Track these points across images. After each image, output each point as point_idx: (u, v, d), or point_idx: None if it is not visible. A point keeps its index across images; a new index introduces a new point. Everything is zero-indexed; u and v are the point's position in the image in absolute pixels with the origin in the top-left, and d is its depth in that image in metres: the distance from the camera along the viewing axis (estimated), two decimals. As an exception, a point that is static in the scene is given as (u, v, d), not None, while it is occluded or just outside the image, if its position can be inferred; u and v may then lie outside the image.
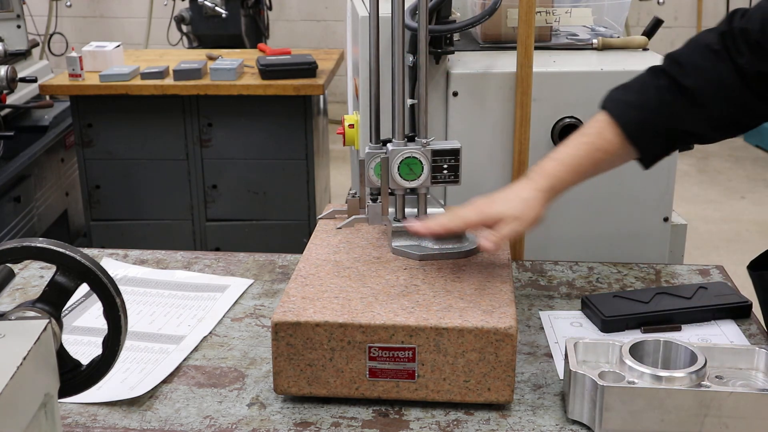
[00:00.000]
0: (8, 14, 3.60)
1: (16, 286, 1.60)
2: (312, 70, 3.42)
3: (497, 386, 1.18)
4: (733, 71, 1.30)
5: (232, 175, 3.52)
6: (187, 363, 1.34)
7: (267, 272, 1.66)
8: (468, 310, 1.21)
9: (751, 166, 5.59)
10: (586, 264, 1.68)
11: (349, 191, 1.53)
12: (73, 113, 3.46)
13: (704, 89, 1.31)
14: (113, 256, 1.74)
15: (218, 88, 3.35)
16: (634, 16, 5.87)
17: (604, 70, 1.74)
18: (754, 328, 1.43)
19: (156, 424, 1.19)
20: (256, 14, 5.01)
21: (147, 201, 3.57)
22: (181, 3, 5.17)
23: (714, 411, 1.10)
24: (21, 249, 0.98)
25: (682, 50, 1.37)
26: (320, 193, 3.69)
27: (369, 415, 1.20)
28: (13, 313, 0.97)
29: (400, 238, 1.41)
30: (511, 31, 1.84)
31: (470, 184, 1.67)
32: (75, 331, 1.41)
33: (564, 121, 1.75)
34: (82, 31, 6.81)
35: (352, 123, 1.83)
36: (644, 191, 1.73)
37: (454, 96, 1.74)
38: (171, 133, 3.47)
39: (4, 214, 3.13)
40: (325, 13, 6.81)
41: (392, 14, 1.37)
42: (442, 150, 1.40)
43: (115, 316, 1.01)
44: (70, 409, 1.22)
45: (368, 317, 1.18)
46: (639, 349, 1.19)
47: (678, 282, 1.61)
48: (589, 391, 1.14)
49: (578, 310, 1.49)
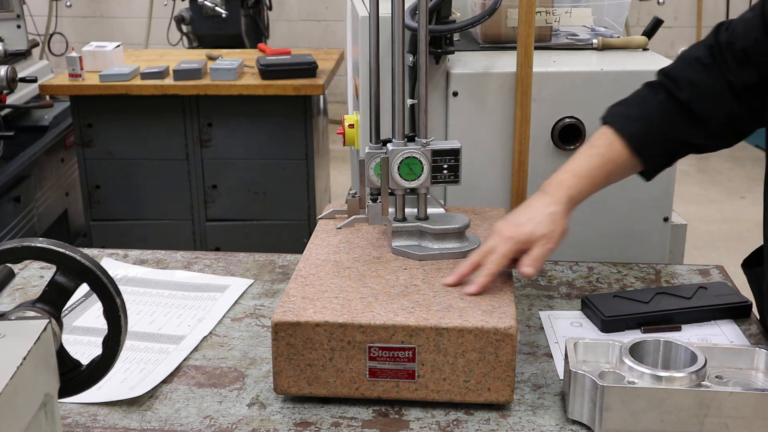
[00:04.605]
0: (8, 14, 3.59)
1: (16, 286, 1.60)
2: (312, 70, 3.42)
3: (497, 386, 1.18)
4: (724, 85, 1.34)
5: (232, 175, 3.52)
6: (187, 363, 1.34)
7: (267, 272, 1.66)
8: (468, 310, 1.21)
9: (751, 166, 5.59)
10: (586, 264, 1.68)
11: (349, 191, 1.53)
12: (73, 113, 3.46)
13: (698, 102, 1.36)
14: (113, 256, 1.74)
15: (218, 88, 3.35)
16: (634, 16, 5.87)
17: (604, 70, 1.75)
18: (754, 328, 1.43)
19: (156, 424, 1.19)
20: (256, 14, 5.01)
21: (147, 201, 3.56)
22: (181, 3, 5.17)
23: (714, 411, 1.10)
24: (21, 249, 0.98)
25: (675, 65, 1.42)
26: (320, 193, 3.69)
27: (369, 415, 1.20)
28: (13, 313, 0.97)
29: (400, 238, 1.41)
30: (511, 31, 1.84)
31: (470, 184, 1.67)
32: (75, 331, 1.41)
33: (564, 121, 1.76)
34: (82, 31, 6.81)
35: (352, 123, 1.83)
36: (644, 191, 1.73)
37: (454, 96, 1.74)
38: (171, 133, 3.47)
39: (4, 214, 3.13)
40: (325, 13, 6.81)
41: (392, 14, 1.37)
42: (442, 150, 1.40)
43: (115, 316, 1.01)
44: (70, 409, 1.22)
45: (368, 317, 1.18)
46: (639, 349, 1.19)
47: (678, 282, 1.61)
48: (589, 391, 1.14)
49: (578, 310, 1.49)
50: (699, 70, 1.37)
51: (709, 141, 1.40)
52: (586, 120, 1.75)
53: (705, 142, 1.40)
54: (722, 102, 1.35)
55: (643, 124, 1.38)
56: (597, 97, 1.75)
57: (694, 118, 1.36)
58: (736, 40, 1.33)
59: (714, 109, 1.36)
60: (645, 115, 1.38)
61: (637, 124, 1.38)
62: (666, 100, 1.38)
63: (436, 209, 1.47)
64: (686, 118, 1.37)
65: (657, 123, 1.38)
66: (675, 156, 1.43)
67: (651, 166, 1.41)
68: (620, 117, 1.40)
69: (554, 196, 1.34)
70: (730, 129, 1.38)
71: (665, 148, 1.40)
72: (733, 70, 1.33)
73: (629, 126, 1.38)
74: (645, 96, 1.41)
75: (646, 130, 1.38)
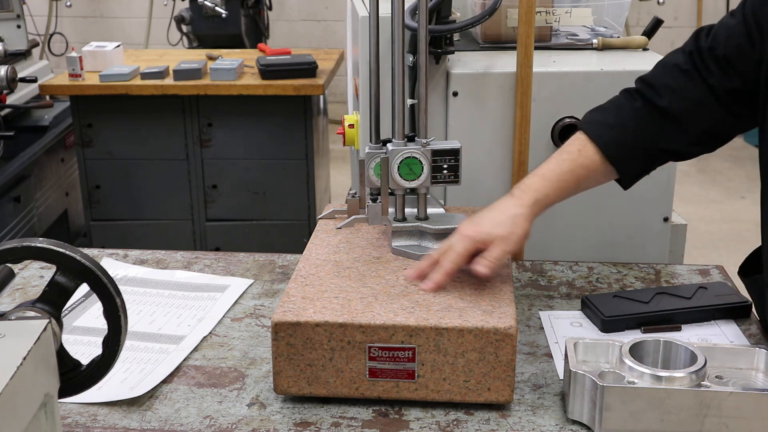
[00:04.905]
0: (8, 14, 3.59)
1: (16, 286, 1.60)
2: (312, 70, 3.42)
3: (497, 386, 1.18)
4: (705, 90, 1.34)
5: (232, 175, 3.52)
6: (187, 363, 1.34)
7: (267, 272, 1.66)
8: (468, 310, 1.21)
9: (751, 166, 5.58)
10: (586, 264, 1.68)
11: (349, 191, 1.53)
12: (73, 113, 3.46)
13: (678, 108, 1.35)
14: (113, 256, 1.74)
15: (218, 88, 3.35)
16: (634, 16, 5.87)
17: (604, 70, 1.75)
18: (754, 328, 1.43)
19: (156, 424, 1.19)
20: (256, 14, 5.01)
21: (147, 201, 3.56)
22: (181, 3, 5.17)
23: (714, 411, 1.10)
24: (21, 249, 0.98)
25: (653, 72, 1.41)
26: (320, 193, 3.69)
27: (369, 415, 1.20)
28: (13, 313, 0.97)
29: (400, 238, 1.41)
30: (511, 31, 1.84)
31: (470, 184, 1.67)
32: (75, 331, 1.41)
33: (564, 121, 1.76)
34: (82, 31, 6.81)
35: (352, 123, 1.83)
36: (644, 191, 1.73)
37: (454, 96, 1.74)
38: (171, 133, 3.47)
39: (4, 214, 3.13)
40: (325, 13, 6.80)
41: (392, 14, 1.37)
42: (442, 150, 1.40)
43: (115, 316, 1.01)
44: (70, 409, 1.22)
45: (368, 317, 1.18)
46: (639, 349, 1.19)
47: (678, 282, 1.61)
48: (589, 391, 1.14)
49: (578, 310, 1.49)
50: (678, 76, 1.36)
51: (689, 147, 1.38)
52: (586, 120, 1.75)
53: (685, 149, 1.39)
54: (703, 107, 1.34)
55: (617, 132, 1.37)
56: (597, 97, 1.74)
57: (674, 125, 1.35)
58: (718, 46, 1.33)
59: (694, 115, 1.35)
60: (620, 123, 1.37)
61: (612, 131, 1.37)
62: (643, 107, 1.37)
63: (436, 209, 1.47)
64: (665, 125, 1.36)
65: (632, 131, 1.37)
66: (652, 164, 1.41)
67: (626, 173, 1.40)
68: (595, 123, 1.39)
69: (520, 199, 1.34)
70: (711, 135, 1.37)
71: (641, 156, 1.39)
72: (715, 74, 1.33)
73: (604, 134, 1.37)
74: (621, 103, 1.40)
75: (621, 137, 1.37)
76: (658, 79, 1.38)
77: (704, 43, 1.35)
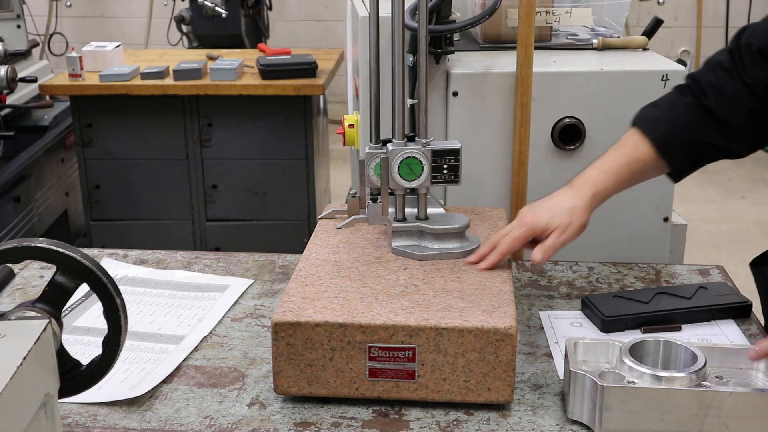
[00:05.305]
0: (8, 14, 3.59)
1: (16, 286, 1.60)
2: (312, 70, 3.42)
3: (497, 386, 1.18)
4: (742, 86, 1.36)
5: (232, 175, 3.51)
6: (187, 363, 1.34)
7: (267, 272, 1.66)
8: (468, 310, 1.21)
9: (751, 166, 5.58)
10: (586, 264, 1.68)
11: (349, 191, 1.53)
12: (73, 113, 3.46)
13: (720, 106, 1.38)
14: (113, 256, 1.74)
15: (218, 88, 3.35)
16: (634, 16, 5.87)
17: (604, 70, 1.75)
18: (754, 328, 1.43)
19: (156, 424, 1.19)
20: (256, 14, 5.00)
21: (147, 201, 3.56)
22: (181, 3, 5.17)
23: (714, 411, 1.10)
24: (21, 249, 0.98)
25: (701, 70, 1.44)
26: (320, 193, 3.69)
27: (369, 415, 1.20)
28: (13, 313, 0.97)
29: (400, 238, 1.41)
30: (511, 31, 1.84)
31: (470, 184, 1.67)
32: (75, 331, 1.41)
33: (564, 121, 1.76)
34: (82, 31, 6.81)
35: (352, 123, 1.83)
36: (644, 191, 1.73)
37: (454, 96, 1.74)
38: (171, 133, 3.47)
39: (4, 214, 3.13)
40: (325, 13, 6.80)
41: (392, 14, 1.37)
42: (442, 150, 1.40)
43: (115, 316, 1.01)
44: (70, 409, 1.22)
45: (368, 317, 1.18)
46: (639, 349, 1.19)
47: (678, 282, 1.61)
48: (589, 391, 1.14)
49: (578, 310, 1.49)
50: (720, 73, 1.39)
51: (733, 143, 1.41)
52: (586, 120, 1.75)
53: (729, 145, 1.41)
54: (741, 104, 1.37)
55: (669, 127, 1.40)
56: (597, 97, 1.75)
57: (717, 122, 1.38)
58: (755, 41, 1.35)
59: (734, 111, 1.37)
60: (672, 118, 1.41)
61: (664, 126, 1.41)
62: (692, 102, 1.40)
63: (436, 209, 1.47)
64: (711, 122, 1.39)
65: (683, 125, 1.40)
66: (702, 159, 1.44)
67: (676, 167, 1.43)
68: (648, 119, 1.43)
69: (579, 191, 1.38)
70: (752, 130, 1.39)
71: (691, 151, 1.41)
72: (748, 70, 1.35)
73: (656, 128, 1.41)
74: (673, 99, 1.44)
75: (672, 132, 1.40)
76: (703, 77, 1.41)
77: (744, 39, 1.38)
